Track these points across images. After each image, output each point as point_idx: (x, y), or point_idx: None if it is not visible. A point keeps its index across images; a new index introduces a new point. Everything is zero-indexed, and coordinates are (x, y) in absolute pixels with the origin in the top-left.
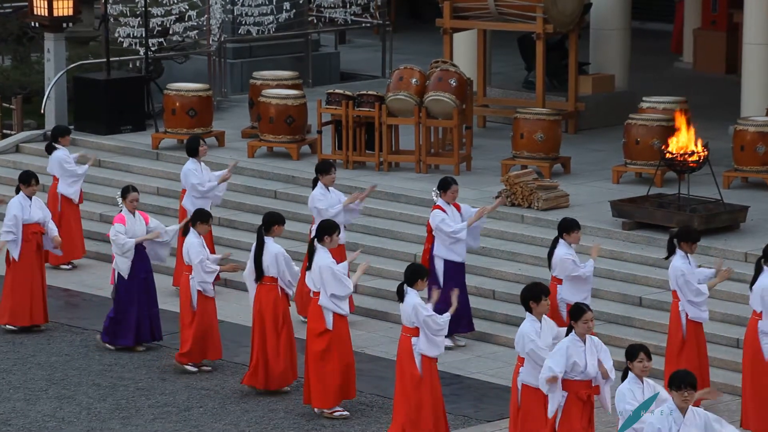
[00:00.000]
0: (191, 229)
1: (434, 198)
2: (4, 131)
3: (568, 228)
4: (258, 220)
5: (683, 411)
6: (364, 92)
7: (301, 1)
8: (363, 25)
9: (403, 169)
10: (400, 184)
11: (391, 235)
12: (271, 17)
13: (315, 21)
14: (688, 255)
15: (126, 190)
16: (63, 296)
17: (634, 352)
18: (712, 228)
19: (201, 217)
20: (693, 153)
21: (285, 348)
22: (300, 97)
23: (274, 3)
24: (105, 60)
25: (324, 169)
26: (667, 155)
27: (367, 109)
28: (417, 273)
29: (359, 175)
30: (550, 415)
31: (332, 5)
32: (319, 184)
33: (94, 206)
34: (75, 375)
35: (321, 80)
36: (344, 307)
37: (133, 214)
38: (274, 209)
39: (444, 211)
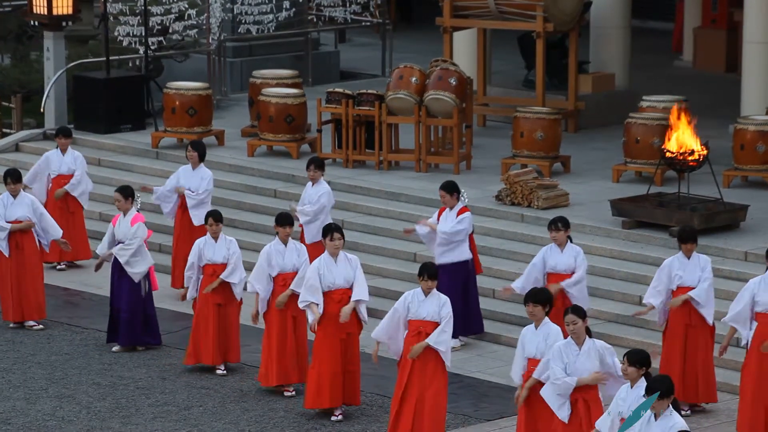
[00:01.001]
0: None
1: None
2: (4, 130)
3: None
4: (258, 219)
5: (656, 416)
6: (364, 91)
7: (300, 0)
8: (363, 23)
9: (403, 168)
10: (400, 183)
11: (391, 235)
12: (270, 16)
13: (315, 20)
14: (690, 256)
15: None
16: (62, 295)
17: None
18: (712, 227)
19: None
20: (693, 152)
21: (265, 348)
22: (300, 96)
23: (274, 2)
24: (105, 59)
25: (306, 165)
26: (667, 154)
27: (367, 108)
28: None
29: (359, 174)
30: (565, 418)
31: (332, 4)
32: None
33: (94, 205)
34: (75, 374)
35: (321, 79)
36: (309, 317)
37: (124, 214)
38: (273, 208)
39: (439, 214)
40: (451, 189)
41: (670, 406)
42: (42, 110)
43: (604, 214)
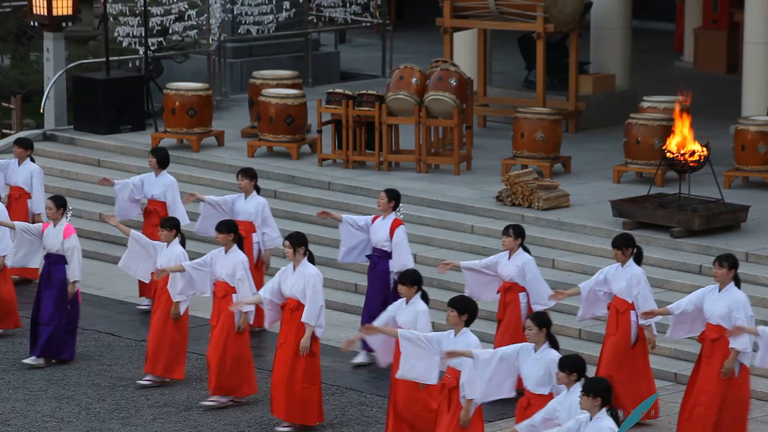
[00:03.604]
0: None
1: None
2: (4, 131)
3: None
4: None
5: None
6: (364, 92)
7: (301, 1)
8: (363, 24)
9: (403, 169)
10: (400, 183)
11: None
12: (270, 16)
13: (315, 20)
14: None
15: None
16: None
17: None
18: (713, 228)
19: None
20: (693, 153)
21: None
22: (300, 97)
23: (274, 2)
24: (104, 59)
25: (236, 174)
26: (668, 155)
27: (367, 109)
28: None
29: (359, 175)
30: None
31: (332, 4)
32: None
33: (93, 206)
34: (74, 375)
35: (321, 80)
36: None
37: (54, 224)
38: (273, 209)
39: (373, 220)
40: (392, 196)
41: (604, 410)
42: (42, 111)
43: (604, 214)
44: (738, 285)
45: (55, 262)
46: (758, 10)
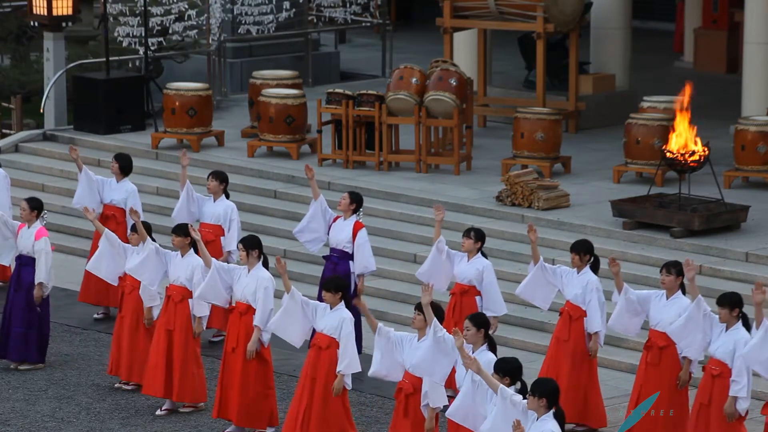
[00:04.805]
0: None
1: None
2: (4, 131)
3: None
4: (258, 220)
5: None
6: (364, 92)
7: (301, 1)
8: (363, 24)
9: (403, 169)
10: (400, 183)
11: (391, 235)
12: (270, 16)
13: (315, 20)
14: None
15: None
16: (62, 296)
17: None
18: (713, 228)
19: None
20: (693, 153)
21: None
22: (300, 97)
23: (274, 2)
24: (104, 59)
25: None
26: (668, 155)
27: (367, 109)
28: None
29: (359, 175)
30: None
31: (332, 4)
32: None
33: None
34: (74, 375)
35: (321, 80)
36: None
37: (28, 226)
38: (274, 209)
39: (334, 220)
40: (355, 199)
41: (551, 412)
42: (42, 111)
43: (604, 214)
44: (684, 293)
45: (26, 263)
46: (758, 10)
